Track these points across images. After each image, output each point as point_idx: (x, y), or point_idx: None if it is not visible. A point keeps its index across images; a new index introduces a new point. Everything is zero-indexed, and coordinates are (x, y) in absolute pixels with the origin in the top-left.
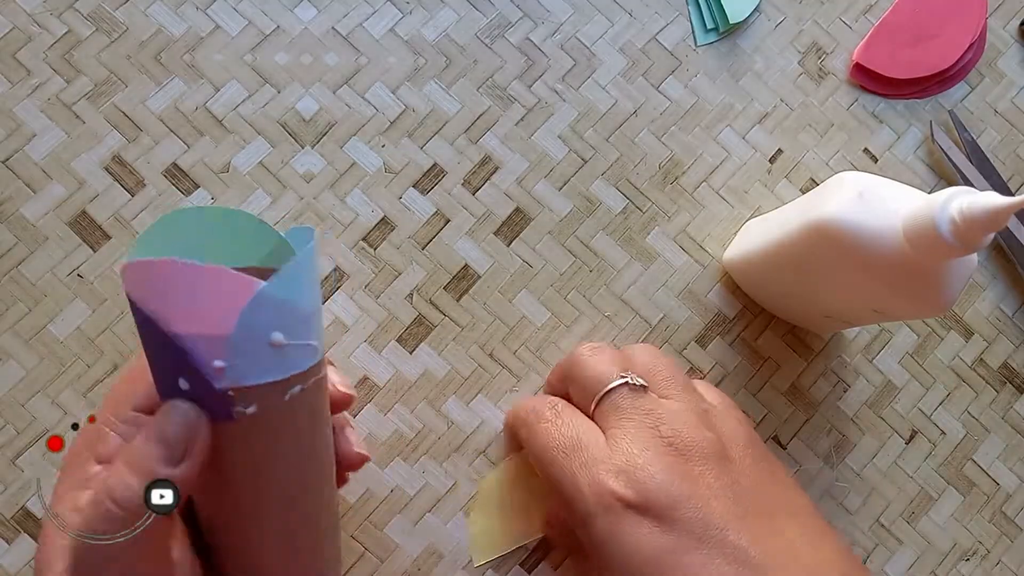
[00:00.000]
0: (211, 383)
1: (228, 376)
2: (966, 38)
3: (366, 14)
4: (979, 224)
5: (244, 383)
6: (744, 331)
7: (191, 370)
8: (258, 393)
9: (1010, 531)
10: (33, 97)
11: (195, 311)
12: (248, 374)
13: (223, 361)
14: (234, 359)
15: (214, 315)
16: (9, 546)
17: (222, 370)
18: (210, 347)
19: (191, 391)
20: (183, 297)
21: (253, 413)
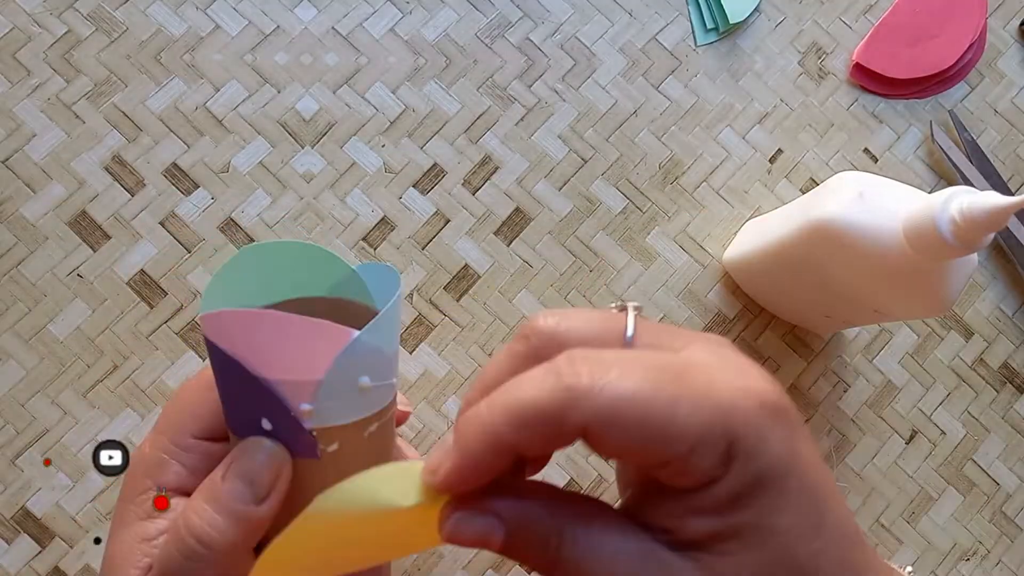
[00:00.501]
0: (299, 424)
1: (315, 418)
2: (966, 38)
3: (366, 14)
4: (979, 224)
5: (330, 424)
6: (744, 331)
7: (277, 412)
8: (341, 432)
9: (1010, 531)
10: (33, 97)
11: (285, 357)
12: (335, 416)
13: (311, 404)
14: (323, 402)
15: (305, 361)
16: (9, 546)
17: (310, 412)
18: (299, 391)
19: (273, 430)
20: (273, 344)
21: (334, 451)
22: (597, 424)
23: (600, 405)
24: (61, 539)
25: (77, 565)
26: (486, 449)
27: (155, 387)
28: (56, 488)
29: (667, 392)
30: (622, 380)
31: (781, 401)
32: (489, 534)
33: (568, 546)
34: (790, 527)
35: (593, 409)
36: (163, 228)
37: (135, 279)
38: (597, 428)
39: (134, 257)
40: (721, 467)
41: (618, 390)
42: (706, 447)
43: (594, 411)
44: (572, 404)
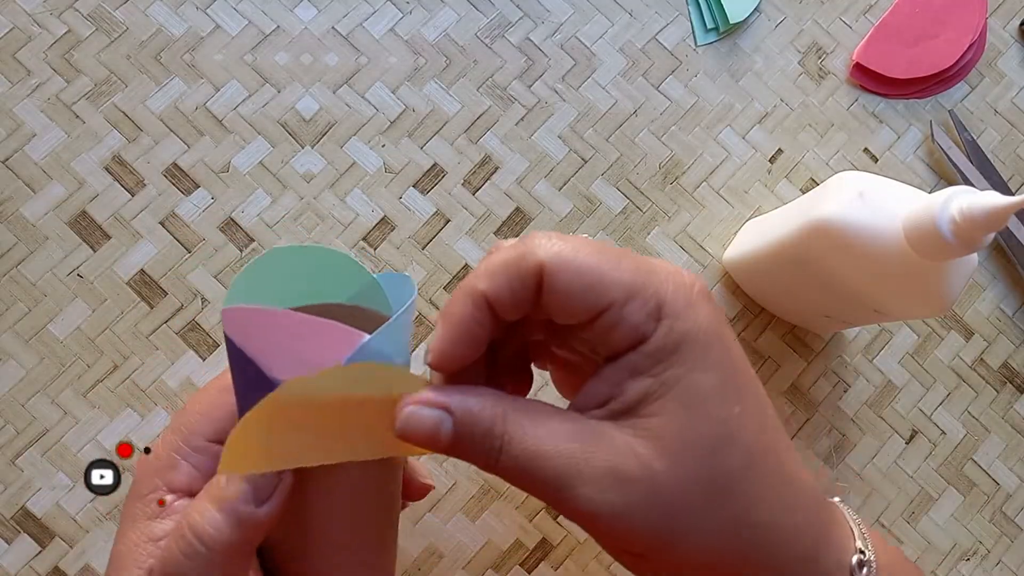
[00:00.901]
0: None
1: None
2: (966, 38)
3: (366, 14)
4: (979, 224)
5: None
6: (744, 331)
7: None
8: None
9: (1010, 531)
10: (33, 97)
11: (297, 357)
12: None
13: None
14: None
15: (316, 362)
16: (9, 546)
17: None
18: None
19: None
20: (286, 344)
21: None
22: (551, 266)
23: (553, 251)
24: (61, 539)
25: (77, 565)
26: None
27: (155, 387)
28: (56, 488)
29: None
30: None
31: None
32: (438, 426)
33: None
34: (712, 387)
35: (547, 253)
36: (163, 228)
37: (135, 279)
38: (551, 269)
39: (134, 257)
40: (651, 323)
41: (568, 243)
42: (638, 299)
43: (548, 255)
44: (531, 251)
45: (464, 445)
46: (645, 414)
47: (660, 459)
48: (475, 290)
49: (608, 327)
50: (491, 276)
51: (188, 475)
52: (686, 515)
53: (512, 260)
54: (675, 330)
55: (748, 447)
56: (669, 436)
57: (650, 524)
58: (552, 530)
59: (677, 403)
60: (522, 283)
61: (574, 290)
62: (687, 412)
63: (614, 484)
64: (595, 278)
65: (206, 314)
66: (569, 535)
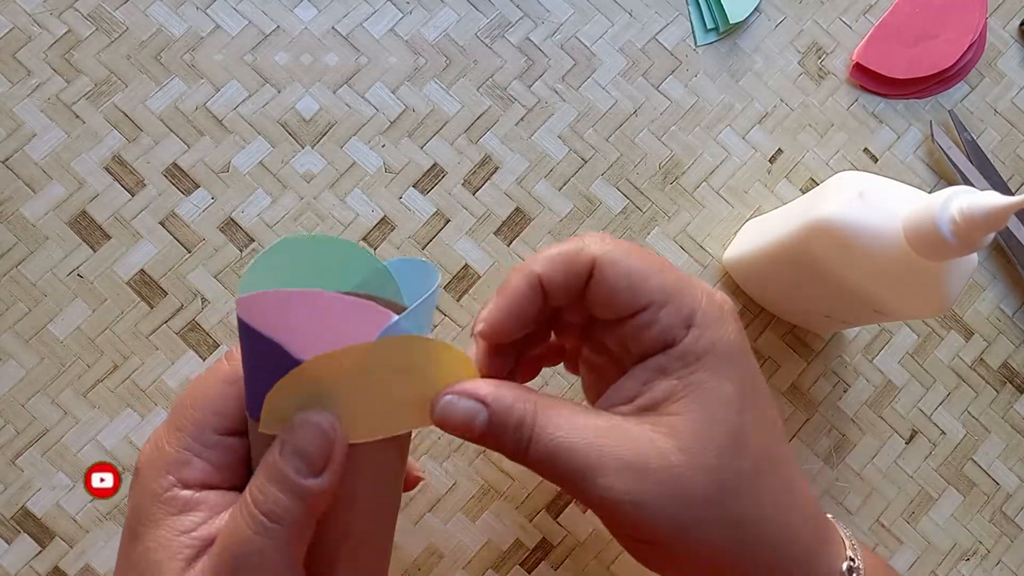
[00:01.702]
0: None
1: None
2: (966, 38)
3: (366, 14)
4: (979, 224)
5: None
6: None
7: None
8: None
9: (1010, 531)
10: (33, 97)
11: (323, 337)
12: None
13: None
14: None
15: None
16: (9, 546)
17: None
18: None
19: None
20: (310, 325)
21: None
22: (602, 260)
23: (606, 249)
24: (61, 539)
25: (77, 565)
26: (520, 281)
27: (155, 387)
28: (56, 488)
29: (657, 262)
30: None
31: (735, 311)
32: (474, 416)
33: (542, 426)
34: (731, 394)
35: (601, 250)
36: (163, 228)
37: (135, 279)
38: (602, 263)
39: (134, 257)
40: (683, 328)
41: (620, 245)
42: (674, 305)
43: (601, 251)
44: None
45: (496, 435)
46: (667, 412)
47: (678, 453)
48: (531, 272)
49: (643, 326)
50: (548, 261)
51: (202, 471)
52: (698, 507)
53: (568, 251)
54: (704, 338)
55: (757, 452)
56: (688, 433)
57: (665, 513)
58: (552, 530)
59: (698, 404)
60: (575, 272)
61: (620, 286)
62: (706, 413)
63: (634, 475)
64: (640, 278)
65: (206, 314)
66: (569, 535)
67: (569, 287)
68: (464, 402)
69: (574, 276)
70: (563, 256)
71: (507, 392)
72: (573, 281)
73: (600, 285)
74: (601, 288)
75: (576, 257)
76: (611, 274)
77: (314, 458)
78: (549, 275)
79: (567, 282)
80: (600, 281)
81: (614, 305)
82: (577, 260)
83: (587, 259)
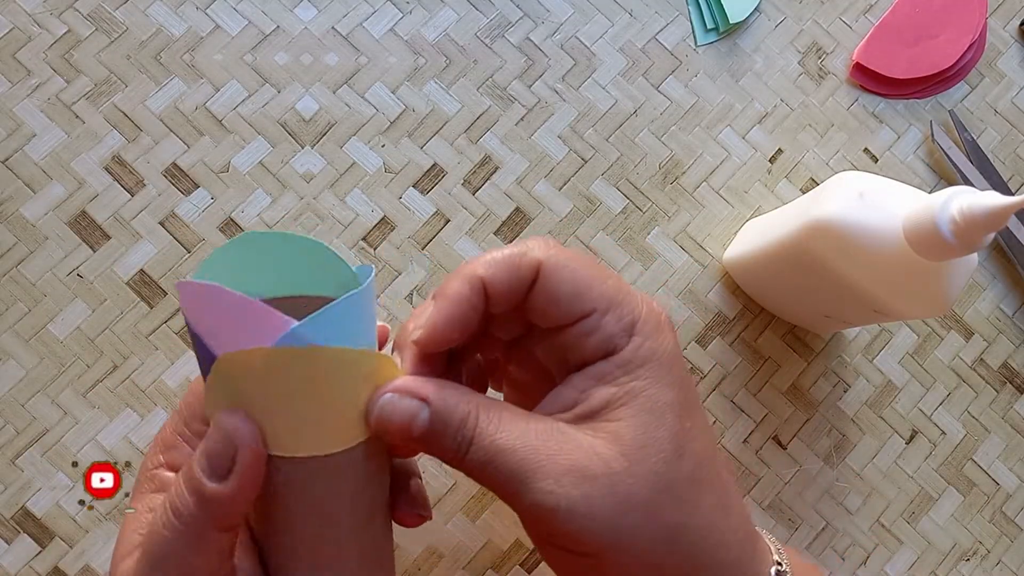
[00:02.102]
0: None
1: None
2: (966, 38)
3: (366, 14)
4: (979, 224)
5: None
6: (744, 331)
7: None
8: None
9: (1010, 531)
10: (33, 97)
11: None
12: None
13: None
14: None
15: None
16: (9, 546)
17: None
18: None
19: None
20: (228, 323)
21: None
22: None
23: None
24: (61, 539)
25: (77, 565)
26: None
27: (155, 387)
28: (56, 488)
29: (601, 271)
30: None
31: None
32: (415, 416)
33: (482, 427)
34: (670, 402)
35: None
36: (163, 228)
37: (135, 279)
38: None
39: (134, 257)
40: (624, 337)
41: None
42: (616, 313)
43: (546, 256)
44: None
45: (436, 437)
46: (608, 418)
47: (621, 459)
48: (474, 275)
49: (585, 333)
50: (491, 264)
51: (186, 455)
52: (637, 514)
53: (513, 254)
54: (644, 347)
55: (696, 458)
56: (629, 439)
57: (605, 521)
58: None
59: (639, 410)
60: (519, 276)
61: (564, 291)
62: (648, 420)
63: (574, 480)
64: (584, 285)
65: None
66: None
67: (512, 292)
68: (405, 401)
69: (518, 280)
70: (507, 259)
71: (450, 391)
72: (517, 285)
73: (543, 291)
74: (545, 294)
75: (520, 261)
76: (556, 279)
77: (218, 463)
78: (492, 279)
79: (511, 287)
80: (544, 287)
81: (557, 311)
82: (522, 264)
83: (532, 263)
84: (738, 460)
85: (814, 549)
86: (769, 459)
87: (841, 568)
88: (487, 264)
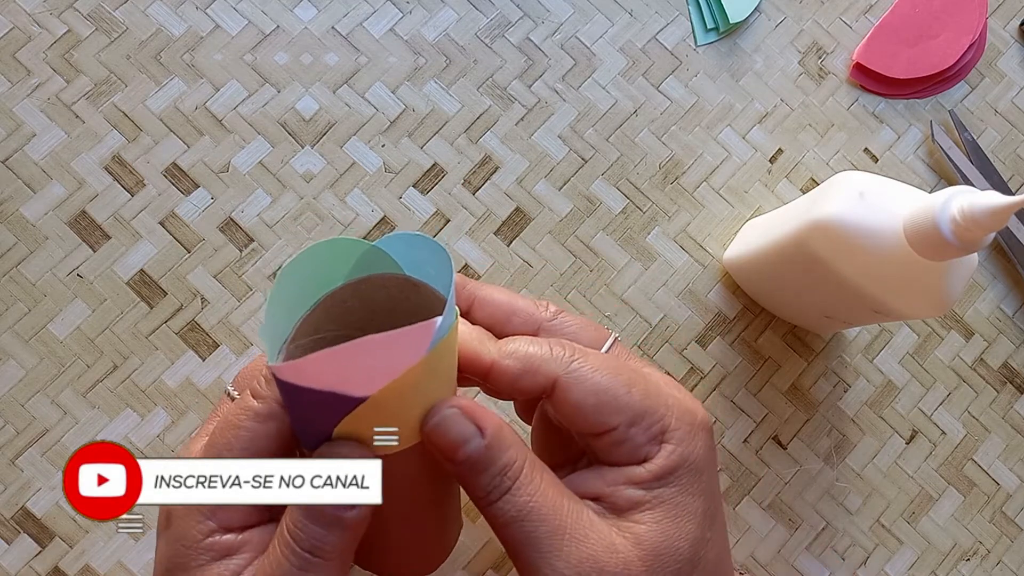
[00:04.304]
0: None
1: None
2: (966, 38)
3: (366, 14)
4: (980, 223)
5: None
6: (744, 331)
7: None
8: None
9: (1010, 531)
10: (33, 97)
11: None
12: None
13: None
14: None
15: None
16: (9, 546)
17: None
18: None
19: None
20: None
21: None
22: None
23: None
24: (61, 539)
25: (77, 565)
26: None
27: (155, 387)
28: (56, 488)
29: (625, 378)
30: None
31: (709, 423)
32: (467, 441)
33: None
34: (697, 511)
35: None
36: (163, 228)
37: (135, 279)
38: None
39: (134, 257)
40: (654, 445)
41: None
42: (644, 424)
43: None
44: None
45: (475, 471)
46: (633, 519)
47: (637, 564)
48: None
49: (613, 443)
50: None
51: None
52: None
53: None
54: (675, 454)
55: (709, 568)
56: (652, 546)
57: None
58: None
59: (663, 517)
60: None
61: (586, 405)
62: (670, 528)
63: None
64: (607, 398)
65: (206, 314)
66: None
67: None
68: (464, 422)
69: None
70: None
71: (507, 433)
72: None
73: (564, 403)
74: (566, 406)
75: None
76: (577, 393)
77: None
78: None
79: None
80: (565, 399)
81: (581, 423)
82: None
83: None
84: (738, 460)
85: (814, 549)
86: (769, 459)
87: (841, 568)
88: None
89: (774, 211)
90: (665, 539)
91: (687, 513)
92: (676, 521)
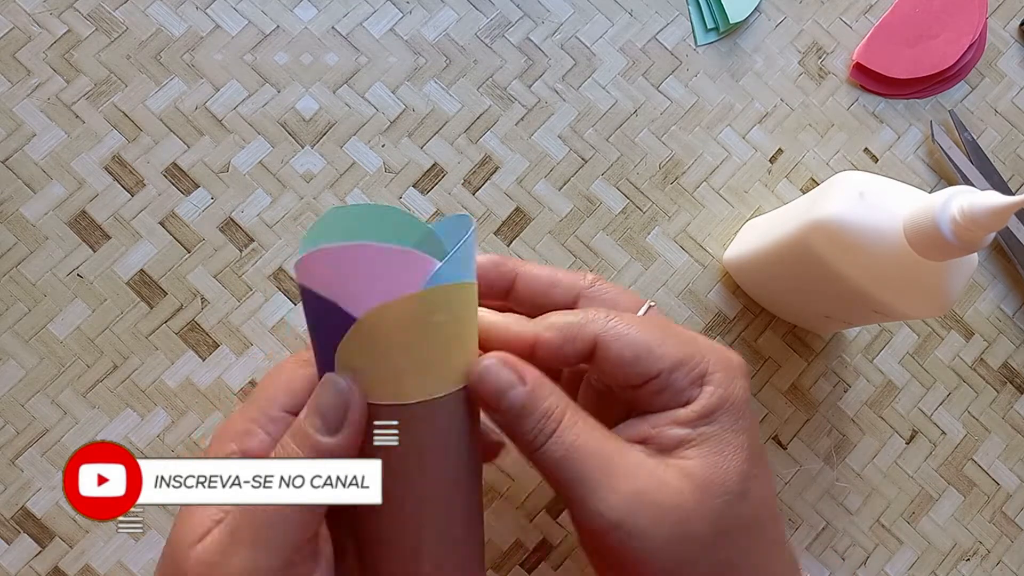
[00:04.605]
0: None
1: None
2: (966, 38)
3: (366, 14)
4: (980, 223)
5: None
6: (744, 331)
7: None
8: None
9: (1010, 531)
10: (33, 97)
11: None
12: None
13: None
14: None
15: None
16: (9, 546)
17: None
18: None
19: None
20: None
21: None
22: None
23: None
24: (61, 539)
25: (77, 565)
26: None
27: (155, 387)
28: (56, 488)
29: (660, 331)
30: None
31: (746, 368)
32: (509, 388)
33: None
34: (740, 446)
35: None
36: (163, 228)
37: (135, 279)
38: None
39: (134, 257)
40: (695, 388)
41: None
42: (684, 369)
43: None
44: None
45: (519, 417)
46: (680, 456)
47: (689, 494)
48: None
49: (656, 391)
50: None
51: (262, 442)
52: (696, 548)
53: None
54: (716, 395)
55: (757, 502)
56: (701, 477)
57: (664, 550)
58: (552, 530)
59: (709, 452)
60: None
61: (625, 358)
62: (717, 461)
63: (642, 504)
64: (644, 350)
65: (206, 314)
66: (569, 535)
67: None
68: (505, 371)
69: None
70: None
71: (547, 382)
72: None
73: (605, 360)
74: (607, 362)
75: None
76: (616, 348)
77: (332, 417)
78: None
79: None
80: (605, 356)
81: (623, 376)
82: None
83: (588, 336)
84: None
85: (814, 549)
86: (769, 459)
87: (841, 568)
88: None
89: (774, 211)
90: (714, 470)
91: (733, 448)
92: (723, 455)
